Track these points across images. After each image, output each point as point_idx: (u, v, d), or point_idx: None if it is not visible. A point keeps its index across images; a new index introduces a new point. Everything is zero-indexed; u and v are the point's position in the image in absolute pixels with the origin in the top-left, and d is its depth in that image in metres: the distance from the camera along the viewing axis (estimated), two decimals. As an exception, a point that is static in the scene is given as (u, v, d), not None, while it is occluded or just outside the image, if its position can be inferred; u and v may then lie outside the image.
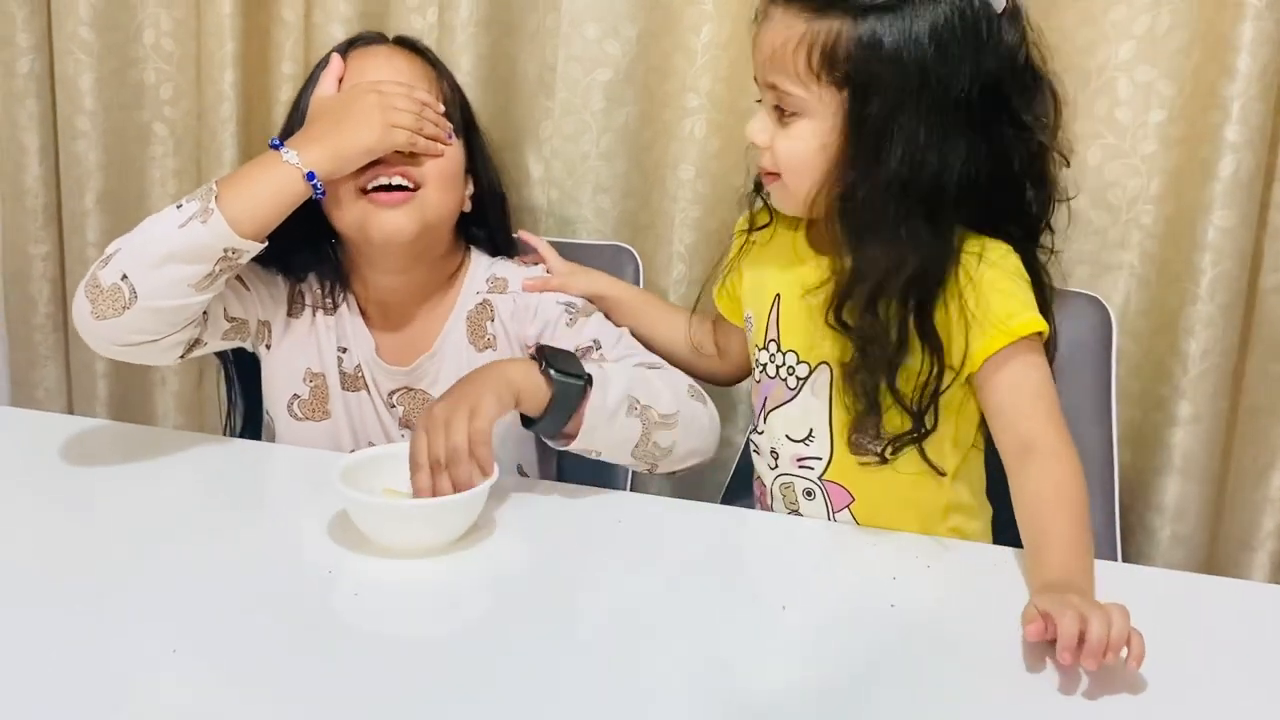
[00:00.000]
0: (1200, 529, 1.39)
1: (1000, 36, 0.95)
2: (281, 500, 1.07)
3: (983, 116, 0.95)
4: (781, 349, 1.08)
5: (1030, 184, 1.00)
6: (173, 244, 1.03)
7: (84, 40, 1.58)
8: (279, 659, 0.80)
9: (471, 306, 1.22)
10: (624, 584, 0.93)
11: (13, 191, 1.66)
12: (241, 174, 1.08)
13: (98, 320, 1.03)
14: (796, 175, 0.99)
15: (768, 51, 0.98)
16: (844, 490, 1.07)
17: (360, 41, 1.21)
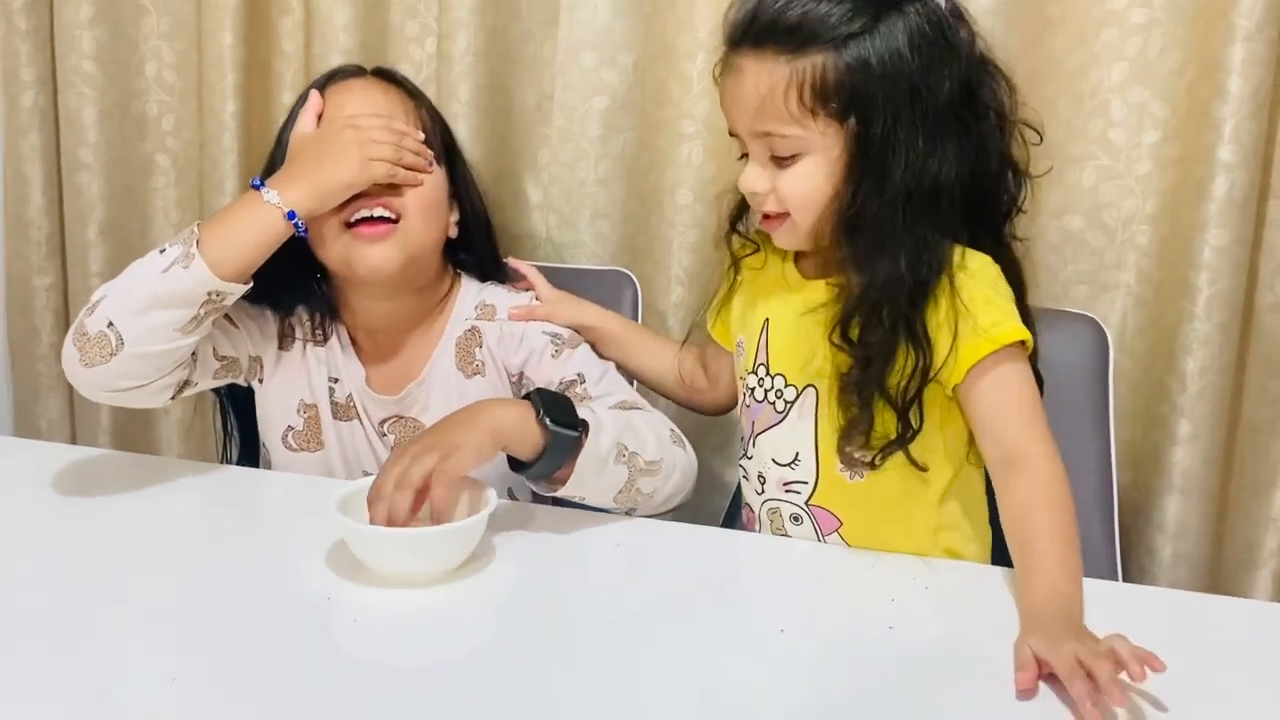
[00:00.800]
0: (1202, 547, 1.38)
1: (959, 34, 0.98)
2: (281, 527, 1.07)
3: (962, 114, 0.97)
4: (770, 372, 1.08)
5: (1005, 170, 1.02)
6: (156, 290, 1.03)
7: (87, 74, 1.60)
8: (279, 687, 0.80)
9: (460, 333, 1.22)
10: (622, 609, 0.93)
11: (16, 223, 1.67)
12: (223, 216, 1.09)
13: (86, 368, 1.04)
14: (805, 211, 1.00)
15: (753, 102, 0.97)
16: (831, 515, 1.07)
17: (338, 75, 1.21)
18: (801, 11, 0.95)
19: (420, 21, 1.53)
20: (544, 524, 1.05)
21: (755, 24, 0.97)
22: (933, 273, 0.97)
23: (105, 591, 0.93)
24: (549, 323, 1.22)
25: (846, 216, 0.98)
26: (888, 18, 0.94)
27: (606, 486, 1.04)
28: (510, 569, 0.98)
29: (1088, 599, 0.90)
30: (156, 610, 0.90)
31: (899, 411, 0.99)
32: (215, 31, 1.51)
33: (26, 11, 1.59)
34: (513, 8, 1.48)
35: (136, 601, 0.91)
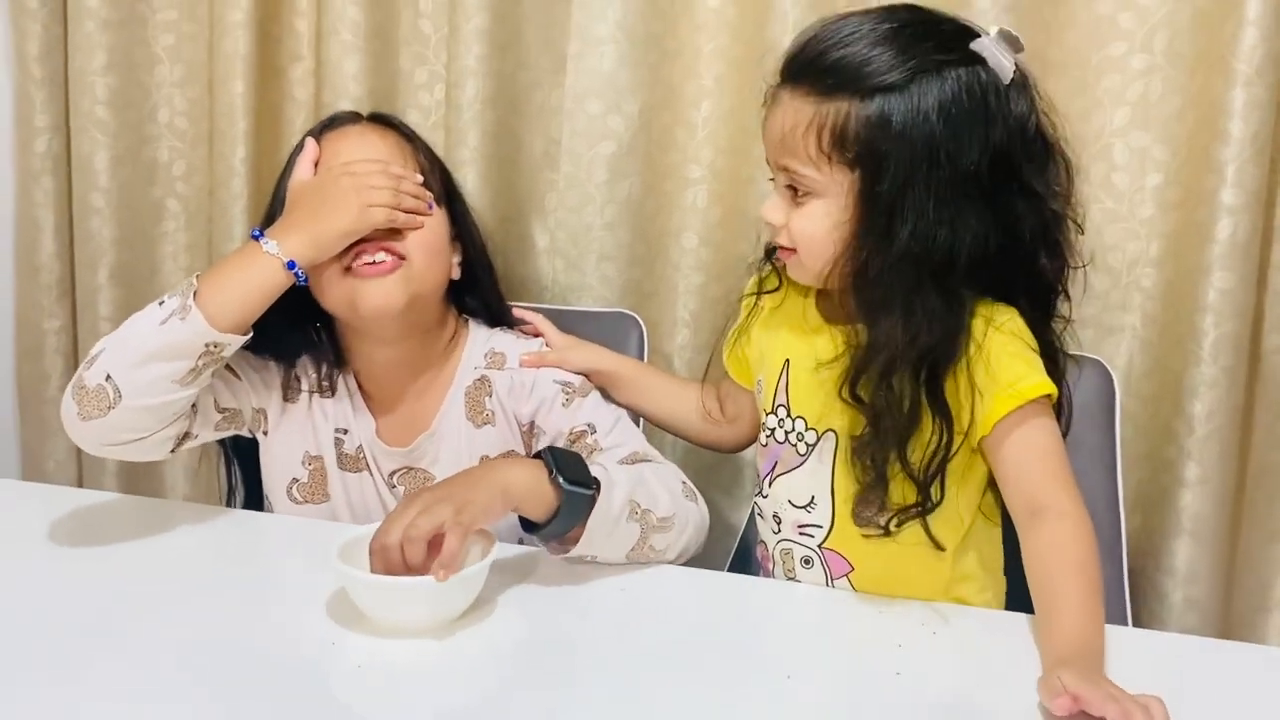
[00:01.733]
0: (1213, 592, 1.37)
1: (1009, 107, 0.95)
2: (285, 572, 1.07)
3: (993, 187, 0.95)
4: (791, 414, 1.08)
5: (1045, 252, 1.00)
6: (153, 342, 1.03)
7: (100, 120, 1.62)
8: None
9: (470, 382, 1.21)
10: (628, 654, 0.93)
11: (27, 267, 1.69)
12: (221, 267, 1.09)
13: (84, 421, 1.04)
14: (811, 253, 1.00)
15: (778, 135, 0.98)
16: (843, 559, 1.06)
17: (335, 122, 1.21)
18: (839, 57, 0.95)
19: (429, 69, 1.55)
20: (548, 570, 1.04)
21: (797, 61, 0.98)
22: (944, 344, 0.96)
23: (109, 635, 0.92)
24: (560, 369, 1.21)
25: (851, 270, 0.98)
26: (923, 79, 0.93)
27: (618, 545, 1.03)
28: (514, 616, 0.97)
29: (1098, 645, 0.89)
30: (159, 654, 0.90)
31: (919, 485, 0.98)
32: (227, 79, 1.53)
33: (41, 59, 1.61)
34: (520, 56, 1.50)
35: (139, 645, 0.91)
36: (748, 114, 1.43)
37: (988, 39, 0.96)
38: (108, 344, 1.06)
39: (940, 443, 0.97)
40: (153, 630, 0.94)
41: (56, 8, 1.61)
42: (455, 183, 1.27)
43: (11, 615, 0.95)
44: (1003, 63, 0.95)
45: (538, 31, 1.50)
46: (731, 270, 1.49)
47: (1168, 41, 1.31)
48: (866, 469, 0.99)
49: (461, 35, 1.46)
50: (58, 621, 0.94)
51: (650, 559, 1.06)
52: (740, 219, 1.47)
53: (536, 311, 1.31)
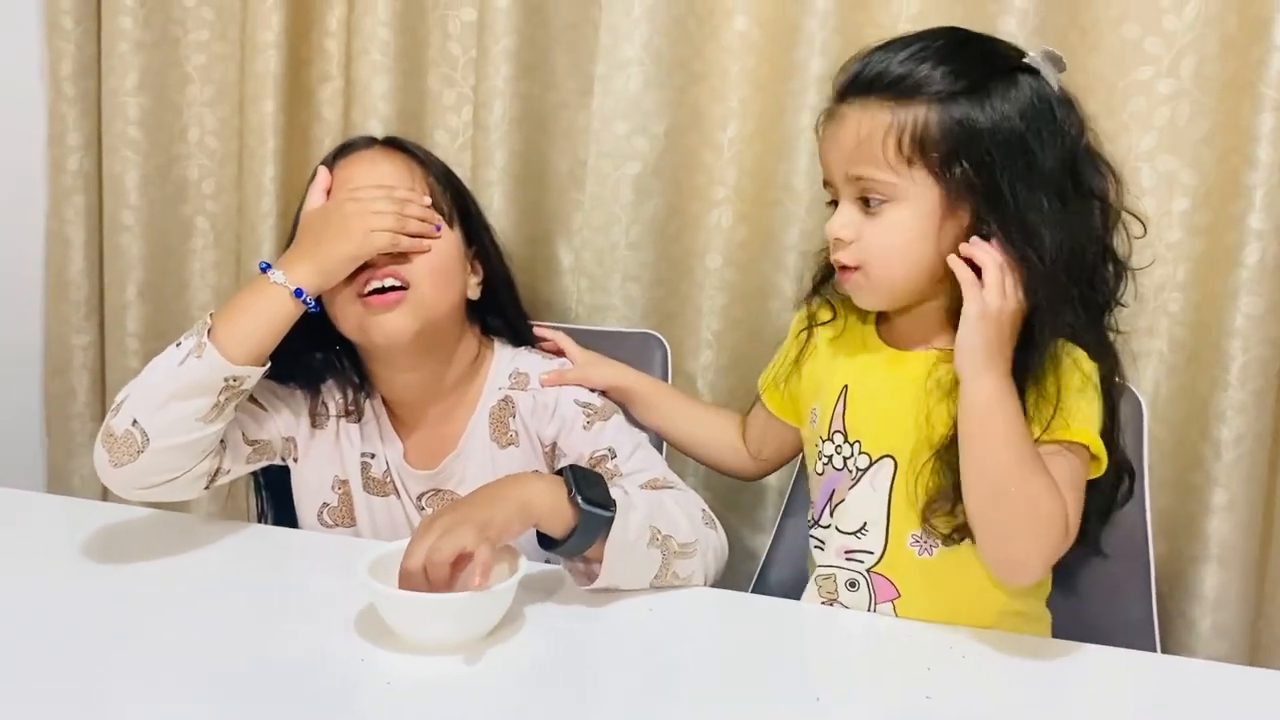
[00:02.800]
0: (1241, 619, 1.36)
1: (1069, 116, 0.98)
2: (314, 587, 1.07)
3: (1066, 192, 0.97)
4: (848, 439, 1.07)
5: (1103, 259, 1.01)
6: (173, 383, 1.05)
7: (132, 139, 1.64)
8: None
9: (494, 402, 1.21)
10: (655, 674, 0.93)
11: (57, 283, 1.70)
12: (233, 302, 1.10)
13: (116, 468, 1.05)
14: (885, 264, 0.99)
15: (851, 145, 0.98)
16: (890, 584, 1.05)
17: (348, 149, 1.21)
18: (907, 68, 0.96)
19: (457, 90, 1.56)
20: (576, 588, 1.04)
21: (861, 76, 0.99)
22: (1043, 348, 0.96)
23: (136, 649, 0.93)
24: (582, 387, 1.21)
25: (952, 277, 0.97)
26: (1000, 83, 0.95)
27: (640, 572, 1.03)
28: (542, 634, 0.97)
29: (1124, 669, 0.89)
30: (186, 669, 0.90)
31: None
32: (257, 98, 1.55)
33: (74, 78, 1.63)
34: (548, 77, 1.51)
35: (167, 659, 0.91)
36: (773, 136, 1.44)
37: (1035, 57, 0.98)
38: (131, 390, 1.07)
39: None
40: (180, 645, 0.94)
41: (90, 29, 1.64)
42: (473, 202, 1.26)
43: (38, 628, 0.96)
44: (1051, 79, 0.98)
45: (565, 53, 1.51)
46: (756, 291, 1.49)
47: (1195, 66, 1.31)
48: (945, 470, 0.98)
49: (490, 57, 1.47)
50: (84, 635, 0.95)
51: (674, 586, 1.06)
52: (765, 240, 1.47)
53: (560, 329, 1.32)
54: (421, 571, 0.94)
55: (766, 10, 1.43)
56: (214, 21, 1.63)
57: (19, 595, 1.02)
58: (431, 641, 0.94)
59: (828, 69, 1.39)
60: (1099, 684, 0.94)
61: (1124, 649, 0.99)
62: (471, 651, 0.93)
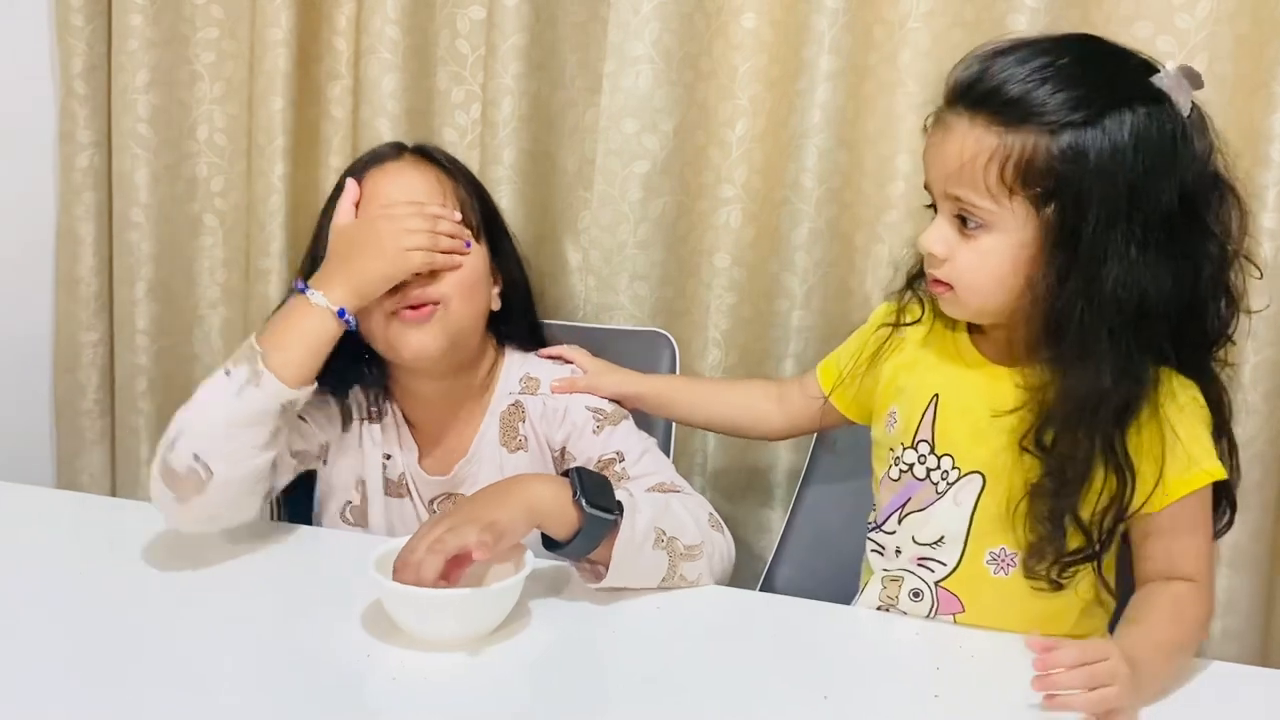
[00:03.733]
0: (1251, 622, 1.35)
1: (1192, 145, 0.92)
2: (322, 582, 1.07)
3: (1181, 230, 0.92)
4: (936, 451, 1.04)
5: (1214, 295, 0.96)
6: (233, 414, 1.05)
7: (141, 136, 1.64)
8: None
9: (504, 407, 1.21)
10: (661, 672, 0.92)
11: (67, 280, 1.71)
12: (278, 327, 1.10)
13: (182, 504, 1.04)
14: (973, 290, 0.96)
15: (954, 163, 0.94)
16: (956, 599, 1.04)
17: (375, 159, 1.21)
18: (1024, 89, 0.91)
19: (466, 88, 1.56)
20: (582, 586, 1.04)
21: (976, 88, 0.93)
22: (1137, 393, 0.93)
23: (143, 643, 0.93)
24: (591, 395, 1.21)
25: (1048, 315, 0.93)
26: (1115, 113, 0.89)
27: (648, 573, 1.03)
28: (549, 631, 0.97)
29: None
30: (194, 662, 0.90)
31: (1091, 540, 0.96)
32: (266, 96, 1.55)
33: (85, 76, 1.64)
34: (557, 75, 1.51)
35: (174, 653, 0.91)
36: (782, 134, 1.44)
37: (1168, 75, 0.92)
38: (183, 424, 1.05)
39: (1116, 499, 0.95)
40: (188, 639, 0.94)
41: (101, 27, 1.64)
42: (496, 209, 1.26)
43: (48, 623, 0.96)
44: (1182, 100, 0.92)
45: (574, 51, 1.51)
46: (764, 291, 1.49)
47: (1208, 65, 1.30)
48: (1043, 521, 0.96)
49: (499, 54, 1.47)
50: (93, 629, 0.95)
51: (681, 588, 1.05)
52: (773, 239, 1.47)
53: (568, 328, 1.32)
54: (423, 562, 0.93)
55: (776, 8, 1.43)
56: (223, 19, 1.63)
57: (29, 591, 1.02)
58: (437, 637, 0.93)
59: (837, 67, 1.38)
60: (1108, 685, 0.93)
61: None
62: (477, 647, 0.93)
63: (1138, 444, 0.94)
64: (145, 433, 1.72)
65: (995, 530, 1.01)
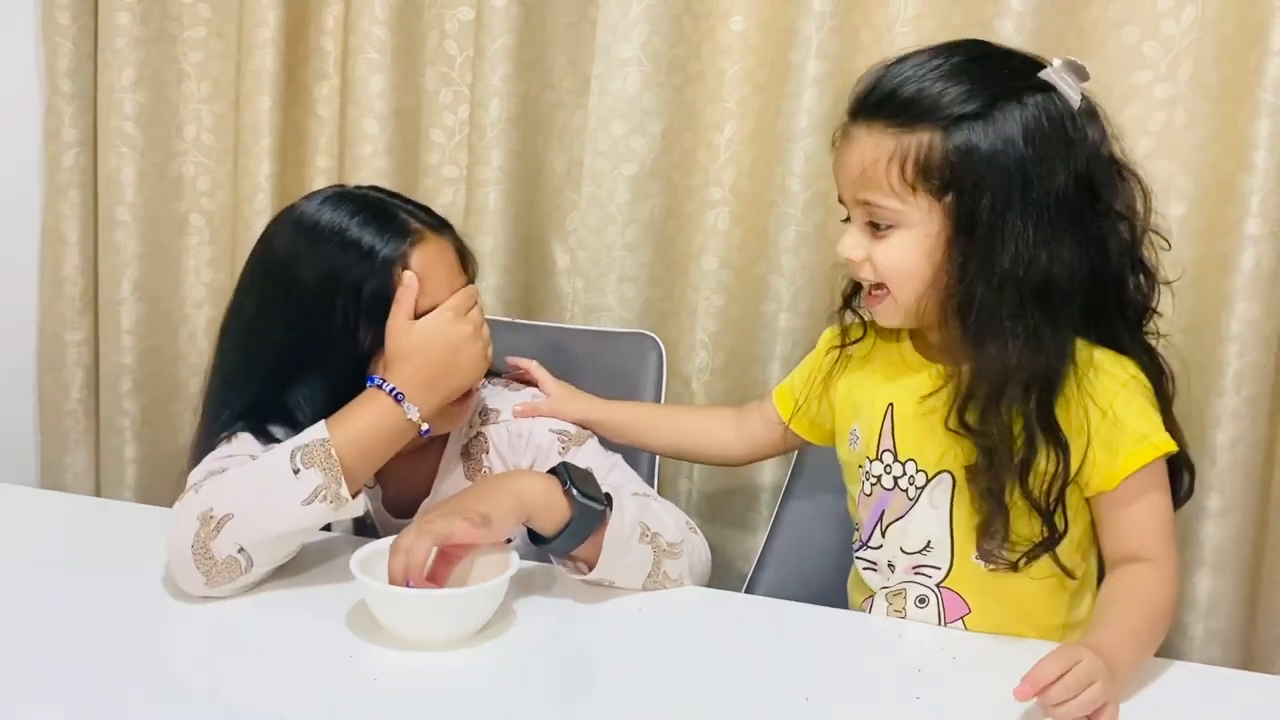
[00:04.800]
0: (1235, 625, 1.36)
1: (1084, 132, 0.96)
2: (303, 582, 1.06)
3: (1080, 210, 0.96)
4: (899, 458, 1.06)
5: (1132, 272, 1.00)
6: (298, 523, 0.99)
7: (128, 135, 1.63)
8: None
9: (466, 441, 1.19)
10: (646, 673, 0.92)
11: (52, 279, 1.70)
12: (368, 439, 1.02)
13: (213, 586, 0.98)
14: (902, 284, 0.99)
15: (857, 169, 0.98)
16: (960, 600, 1.04)
17: (408, 238, 1.08)
18: (916, 89, 0.95)
19: (454, 89, 1.56)
20: (567, 587, 1.04)
21: (872, 96, 0.98)
22: (1052, 367, 0.95)
23: (126, 642, 0.92)
24: (554, 418, 1.19)
25: (954, 298, 0.96)
26: (1004, 105, 0.94)
27: (633, 569, 1.03)
28: (533, 632, 0.97)
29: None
30: (176, 660, 0.90)
31: (1043, 515, 0.97)
32: (254, 96, 1.55)
33: (71, 74, 1.63)
34: (545, 77, 1.51)
35: (157, 653, 0.91)
36: (770, 137, 1.44)
37: (1054, 69, 0.96)
38: (236, 507, 0.97)
39: (1057, 472, 0.96)
40: (169, 639, 0.94)
41: (87, 24, 1.63)
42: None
43: (32, 620, 0.95)
44: (1071, 91, 0.96)
45: (562, 53, 1.51)
46: (751, 293, 1.49)
47: (1192, 71, 1.31)
48: (982, 499, 0.98)
49: (487, 55, 1.47)
50: (77, 630, 0.94)
51: (664, 586, 1.05)
52: (761, 242, 1.47)
53: (556, 330, 1.31)
54: (411, 547, 0.92)
55: (764, 11, 1.43)
56: (211, 18, 1.63)
57: (13, 590, 1.01)
58: (421, 638, 0.93)
59: (825, 71, 1.39)
60: (1091, 687, 0.93)
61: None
62: (461, 648, 0.93)
63: (1068, 419, 0.96)
64: (130, 432, 1.71)
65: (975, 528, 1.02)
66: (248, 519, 0.97)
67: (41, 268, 1.71)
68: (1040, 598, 1.02)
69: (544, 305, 1.56)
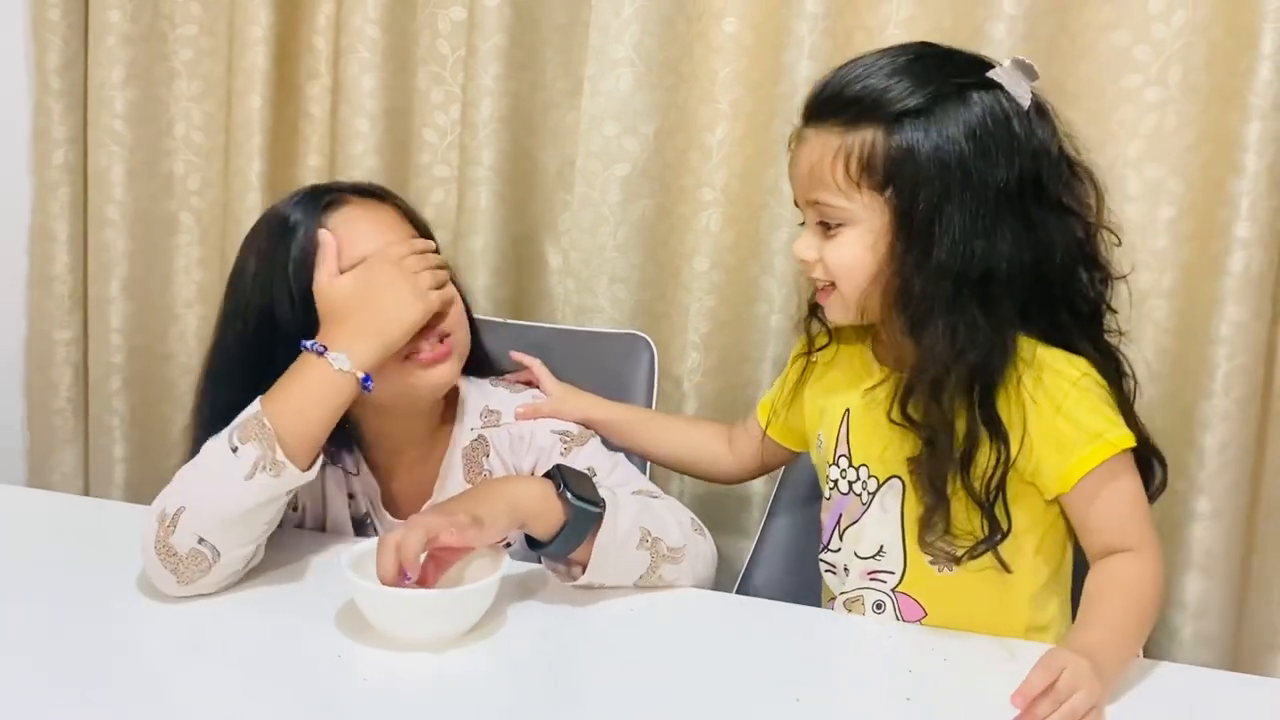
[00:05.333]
0: (1224, 628, 1.36)
1: (1032, 131, 0.97)
2: (294, 581, 1.06)
3: (1024, 206, 0.96)
4: (853, 463, 1.07)
5: (1083, 268, 1.01)
6: (245, 500, 0.98)
7: (118, 133, 1.63)
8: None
9: (467, 443, 1.18)
10: (634, 674, 0.92)
11: (41, 278, 1.69)
12: (296, 401, 1.00)
13: (186, 584, 0.98)
14: (849, 280, 1.00)
15: (806, 170, 1.00)
16: (916, 604, 1.05)
17: (335, 204, 1.10)
18: (862, 87, 0.97)
19: (446, 89, 1.56)
20: (557, 588, 1.04)
21: (819, 98, 1.00)
22: (992, 360, 0.96)
23: (113, 642, 0.92)
24: (556, 419, 1.19)
25: (893, 290, 0.97)
26: (948, 102, 0.95)
27: (627, 571, 1.02)
28: (522, 633, 0.97)
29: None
30: (164, 661, 0.90)
31: (983, 507, 0.97)
32: (244, 94, 1.54)
33: (61, 71, 1.62)
34: (537, 77, 1.51)
35: (146, 652, 0.91)
36: (762, 138, 1.44)
37: (1003, 68, 0.98)
38: (187, 500, 0.98)
39: (997, 463, 0.97)
40: (156, 639, 0.94)
41: (77, 22, 1.63)
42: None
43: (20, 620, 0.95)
44: (1019, 91, 0.97)
45: (555, 53, 1.51)
46: (743, 294, 1.49)
47: (1182, 75, 1.32)
48: (925, 490, 0.98)
49: (479, 55, 1.46)
50: (64, 627, 0.94)
51: (659, 588, 1.05)
52: (753, 243, 1.47)
53: (547, 330, 1.30)
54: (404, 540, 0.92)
55: (756, 13, 1.43)
56: (202, 16, 1.62)
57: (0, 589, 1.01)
58: (411, 638, 0.93)
59: (817, 72, 1.38)
60: (1080, 688, 0.93)
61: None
62: (450, 649, 0.93)
63: (1009, 415, 0.97)
64: (119, 432, 1.71)
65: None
66: (199, 508, 0.98)
67: (30, 266, 1.70)
68: (996, 600, 1.02)
69: (535, 306, 1.56)
